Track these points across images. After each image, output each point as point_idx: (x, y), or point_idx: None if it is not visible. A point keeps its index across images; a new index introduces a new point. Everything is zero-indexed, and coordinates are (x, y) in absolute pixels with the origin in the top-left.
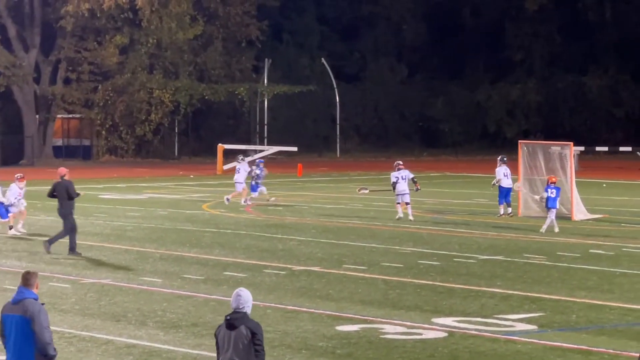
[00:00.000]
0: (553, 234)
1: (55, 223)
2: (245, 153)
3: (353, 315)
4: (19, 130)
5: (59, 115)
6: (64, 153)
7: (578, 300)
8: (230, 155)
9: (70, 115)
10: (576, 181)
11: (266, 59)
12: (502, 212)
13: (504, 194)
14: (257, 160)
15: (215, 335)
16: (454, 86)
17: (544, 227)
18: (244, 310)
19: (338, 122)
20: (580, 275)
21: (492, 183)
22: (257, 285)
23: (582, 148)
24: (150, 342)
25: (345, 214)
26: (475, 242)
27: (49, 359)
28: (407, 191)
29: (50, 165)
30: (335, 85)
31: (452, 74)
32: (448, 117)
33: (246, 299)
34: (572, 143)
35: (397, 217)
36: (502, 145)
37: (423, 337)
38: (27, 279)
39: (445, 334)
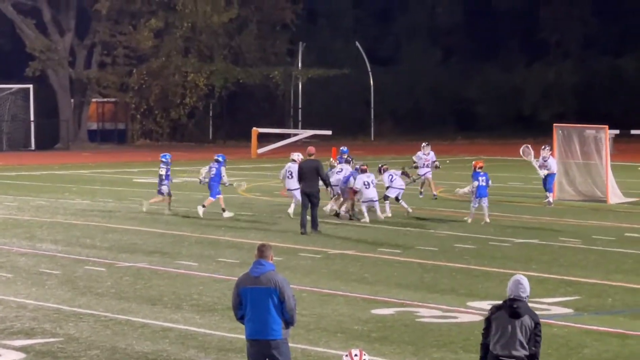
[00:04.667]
0: (588, 216)
1: (90, 207)
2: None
3: (388, 299)
4: (54, 114)
5: (93, 99)
6: (99, 137)
7: (614, 283)
8: (264, 139)
9: (105, 99)
10: (611, 164)
11: (300, 43)
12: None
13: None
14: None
15: (489, 319)
16: (488, 69)
17: (486, 216)
18: (526, 298)
19: (372, 105)
20: (615, 259)
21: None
22: (292, 269)
23: (617, 131)
24: (186, 325)
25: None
26: (511, 225)
27: (291, 326)
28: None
29: (86, 149)
30: (369, 69)
31: (486, 57)
32: (483, 99)
33: (527, 286)
34: (607, 126)
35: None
36: (537, 128)
37: (458, 320)
38: (263, 251)
39: (481, 318)
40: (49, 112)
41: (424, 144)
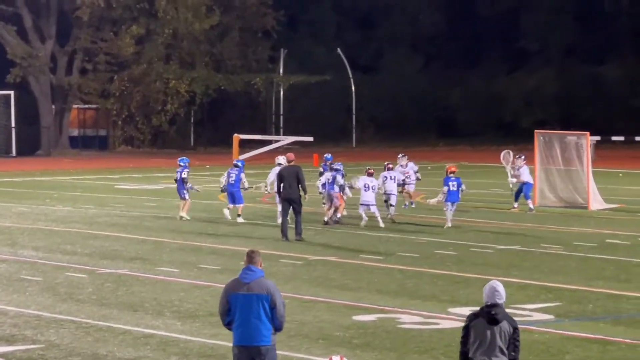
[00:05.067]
0: (570, 223)
1: (71, 213)
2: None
3: (370, 305)
4: (35, 121)
5: (75, 106)
6: (80, 143)
7: (595, 290)
8: (246, 146)
9: (87, 106)
10: (592, 171)
11: (282, 49)
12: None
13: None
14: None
15: (467, 327)
16: (470, 76)
17: (449, 221)
18: (502, 304)
19: (354, 112)
20: (597, 265)
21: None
22: (274, 275)
23: (598, 138)
24: (167, 332)
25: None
26: (492, 232)
27: (278, 331)
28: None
29: (67, 155)
30: (351, 75)
31: (468, 64)
32: (464, 107)
33: (503, 292)
34: (588, 133)
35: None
36: (519, 135)
37: (440, 326)
38: (252, 257)
39: (462, 324)
40: (30, 118)
41: (400, 155)
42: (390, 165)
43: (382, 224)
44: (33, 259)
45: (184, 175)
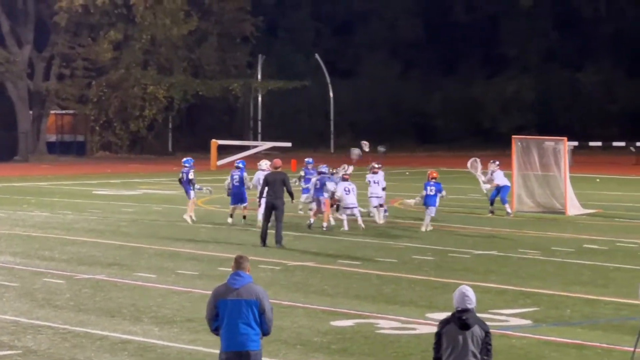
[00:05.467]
0: (547, 228)
1: (49, 219)
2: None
3: (348, 311)
4: (13, 127)
5: (52, 111)
6: (58, 149)
7: (572, 295)
8: (224, 151)
9: (64, 111)
10: (570, 176)
11: (260, 55)
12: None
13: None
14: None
15: (439, 333)
16: (448, 82)
17: (424, 226)
18: (473, 309)
19: (332, 117)
20: (574, 270)
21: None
22: None
23: (575, 143)
24: (145, 337)
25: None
26: (470, 237)
27: (265, 336)
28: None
29: (44, 161)
30: (329, 81)
31: (446, 70)
32: (443, 112)
33: (473, 296)
34: (565, 138)
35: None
36: (497, 140)
37: (417, 332)
38: (240, 262)
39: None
40: (8, 124)
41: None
42: (376, 169)
43: (362, 225)
44: (10, 265)
45: (191, 176)
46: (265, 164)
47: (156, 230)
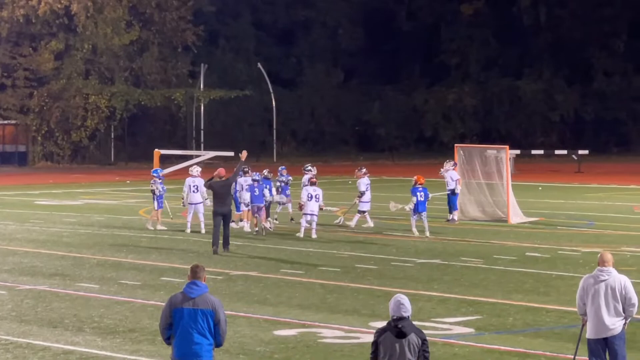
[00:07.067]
0: (490, 236)
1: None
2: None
3: (291, 320)
4: None
5: None
6: None
7: (515, 303)
8: (166, 161)
9: (6, 121)
10: (512, 184)
11: (202, 64)
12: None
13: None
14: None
15: (376, 342)
16: (390, 90)
17: (427, 231)
18: (409, 317)
19: (274, 126)
20: (516, 278)
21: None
22: None
23: (518, 151)
24: (88, 348)
25: (280, 218)
26: (413, 245)
27: (218, 347)
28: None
29: None
30: (271, 90)
31: (388, 79)
32: (384, 121)
33: (408, 305)
34: (507, 146)
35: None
36: (439, 149)
37: (361, 341)
38: (197, 272)
39: None
40: None
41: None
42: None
43: (315, 236)
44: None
45: (154, 187)
46: (196, 170)
47: (98, 241)
